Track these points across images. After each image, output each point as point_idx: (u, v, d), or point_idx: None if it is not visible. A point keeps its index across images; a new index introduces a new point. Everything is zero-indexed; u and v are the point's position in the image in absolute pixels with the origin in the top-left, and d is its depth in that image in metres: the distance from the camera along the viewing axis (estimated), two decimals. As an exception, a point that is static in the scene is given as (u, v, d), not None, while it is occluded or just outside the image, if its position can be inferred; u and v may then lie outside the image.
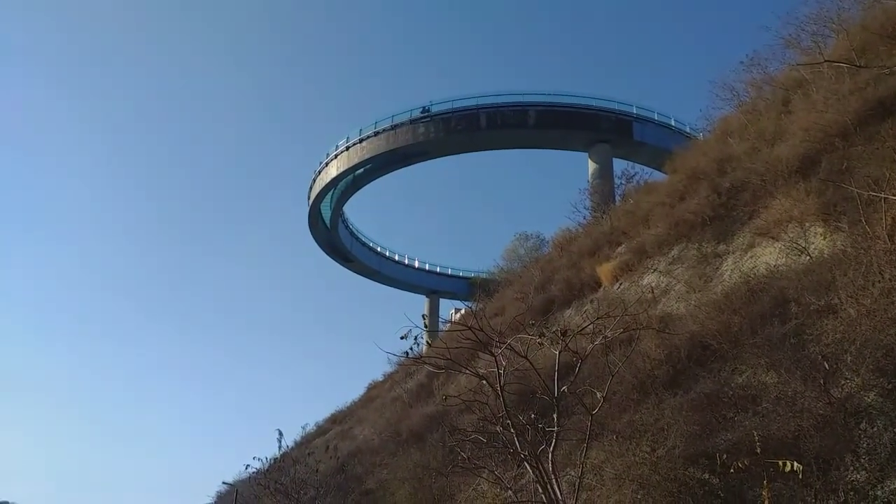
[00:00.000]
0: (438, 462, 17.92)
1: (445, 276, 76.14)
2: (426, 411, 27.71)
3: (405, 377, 42.68)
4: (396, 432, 28.85)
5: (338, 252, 68.60)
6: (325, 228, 64.62)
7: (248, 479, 49.23)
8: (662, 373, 13.34)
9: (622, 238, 24.63)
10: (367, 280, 76.80)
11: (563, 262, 28.77)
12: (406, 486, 19.44)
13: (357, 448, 34.71)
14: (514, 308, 25.94)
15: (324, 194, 59.60)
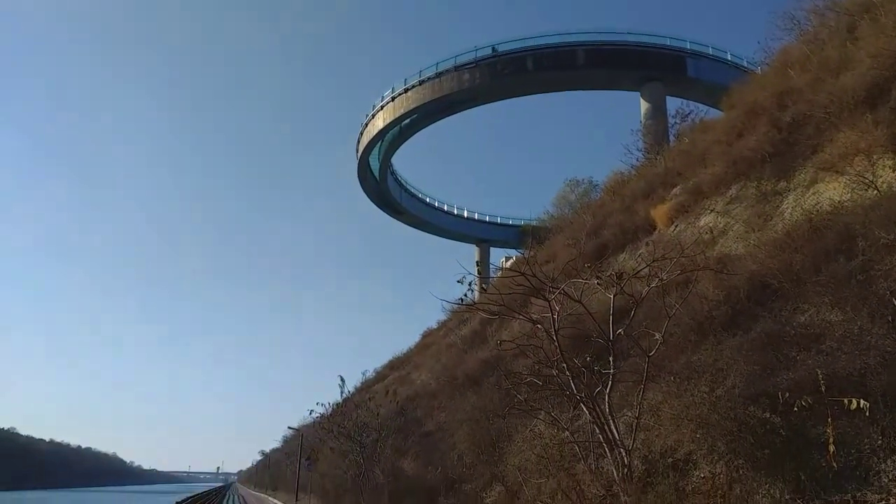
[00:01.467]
0: (495, 405, 18.28)
1: (495, 224, 75.97)
2: (481, 356, 28.16)
3: (459, 324, 43.30)
4: (453, 377, 29.48)
5: (388, 204, 69.11)
6: (374, 181, 65.04)
7: (313, 424, 51.47)
8: (721, 314, 13.16)
9: (677, 179, 24.02)
10: (418, 231, 77.48)
11: (616, 207, 28.32)
12: (464, 427, 19.94)
13: (415, 392, 35.70)
14: (565, 254, 25.74)
15: (371, 147, 59.76)
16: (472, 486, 17.90)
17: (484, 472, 17.86)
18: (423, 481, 22.20)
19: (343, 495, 33.77)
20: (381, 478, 26.55)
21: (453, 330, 43.88)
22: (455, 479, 19.36)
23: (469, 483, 18.37)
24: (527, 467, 14.19)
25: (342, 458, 34.26)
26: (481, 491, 17.41)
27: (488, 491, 17.27)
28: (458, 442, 20.70)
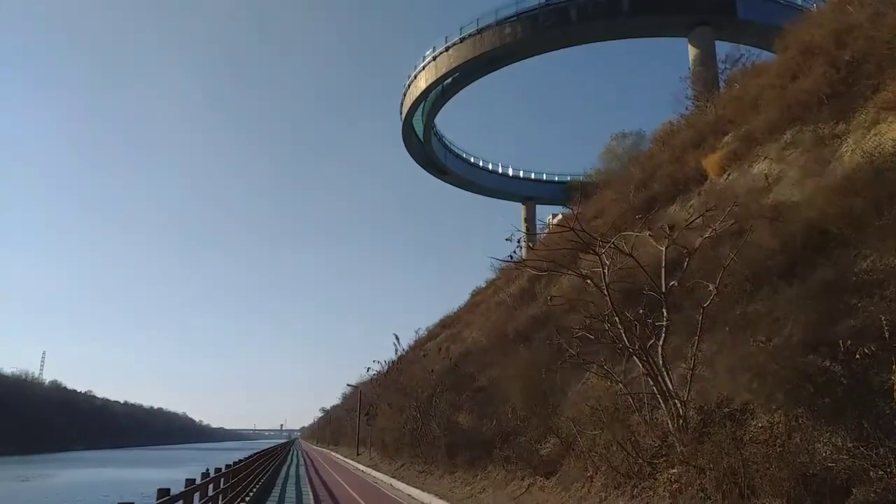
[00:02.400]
0: (546, 359, 18.47)
1: (540, 181, 75.18)
2: (531, 313, 28.32)
3: (507, 282, 43.48)
4: (503, 333, 29.78)
5: (432, 165, 69.07)
6: (418, 142, 64.97)
7: (370, 381, 52.94)
8: (777, 263, 12.90)
9: (729, 126, 23.29)
10: (463, 192, 77.34)
11: (665, 158, 27.69)
12: (518, 382, 20.25)
13: (467, 349, 36.24)
14: (614, 209, 25.53)
15: (415, 108, 59.52)
16: (527, 439, 18.26)
17: (538, 425, 18.17)
18: (478, 434, 22.73)
19: (401, 448, 34.84)
20: (438, 431, 27.27)
21: (502, 288, 44.08)
22: (510, 432, 19.76)
23: (523, 435, 18.73)
24: (580, 419, 14.39)
25: (399, 413, 35.26)
26: (536, 443, 17.75)
27: (543, 443, 17.59)
28: (512, 396, 21.05)
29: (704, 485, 9.57)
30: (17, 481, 45.73)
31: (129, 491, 31.39)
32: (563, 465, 15.19)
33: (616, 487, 12.10)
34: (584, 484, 13.58)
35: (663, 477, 10.99)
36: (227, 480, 13.67)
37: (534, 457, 16.85)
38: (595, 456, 13.20)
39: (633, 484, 11.62)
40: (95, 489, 39.36)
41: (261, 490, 22.48)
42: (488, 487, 18.75)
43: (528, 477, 16.61)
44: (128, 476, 51.87)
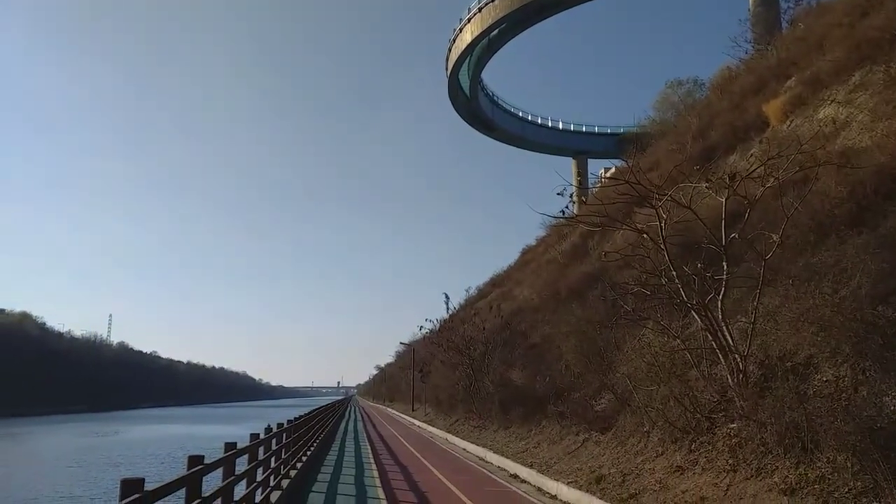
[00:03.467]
0: (601, 316, 18.31)
1: (592, 134, 73.39)
2: (583, 270, 28.05)
3: (558, 240, 43.08)
4: (555, 291, 29.64)
5: (479, 121, 68.18)
6: (464, 98, 64.11)
7: (423, 339, 53.84)
8: (844, 211, 12.34)
9: (792, 70, 22.21)
10: (511, 148, 76.32)
11: (724, 105, 26.68)
12: (571, 339, 20.18)
13: (518, 307, 36.29)
14: (670, 160, 24.75)
15: (461, 63, 58.59)
16: (581, 395, 18.27)
17: (592, 381, 18.13)
18: (531, 390, 22.85)
19: (455, 404, 35.43)
20: (491, 388, 27.55)
21: (553, 245, 43.72)
22: (563, 388, 19.79)
23: (578, 391, 18.74)
24: (637, 375, 14.27)
25: (452, 370, 35.76)
26: (590, 399, 17.74)
27: (597, 399, 17.57)
28: (566, 353, 21.02)
29: (765, 439, 9.40)
30: (92, 437, 48.55)
31: (197, 445, 32.97)
32: (619, 421, 15.16)
33: (673, 442, 12.01)
34: (640, 439, 13.54)
35: (722, 432, 10.84)
36: (289, 435, 14.16)
37: (588, 412, 16.86)
38: (651, 411, 13.11)
39: (691, 439, 11.51)
40: (165, 444, 41.45)
41: (321, 444, 23.25)
42: (542, 442, 18.91)
43: (583, 432, 16.66)
44: (194, 432, 54.41)
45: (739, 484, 9.18)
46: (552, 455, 16.83)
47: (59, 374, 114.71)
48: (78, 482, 23.11)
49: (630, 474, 12.15)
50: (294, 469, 14.71)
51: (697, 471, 10.54)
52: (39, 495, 20.32)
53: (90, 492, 20.71)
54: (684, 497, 9.75)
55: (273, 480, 11.36)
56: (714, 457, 10.50)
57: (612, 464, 13.38)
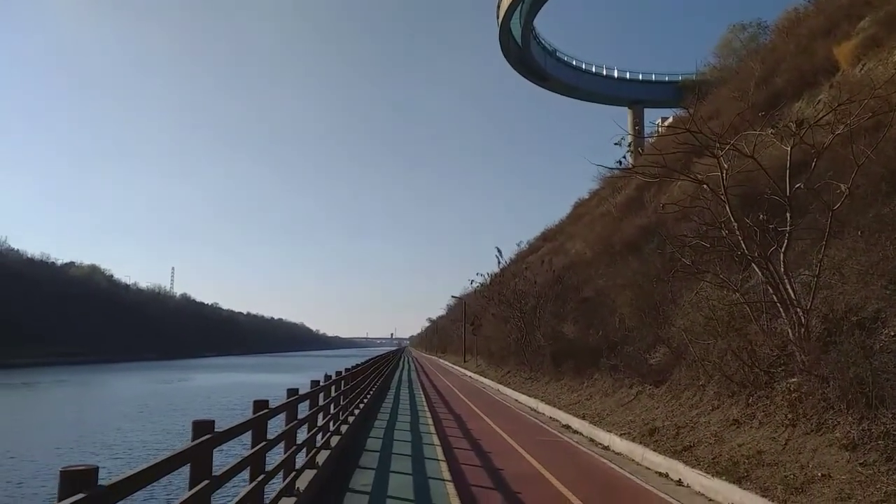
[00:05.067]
0: (657, 269, 18.02)
1: (649, 82, 70.86)
2: (638, 223, 27.53)
3: (612, 192, 42.24)
4: (609, 245, 29.24)
5: (532, 71, 66.67)
6: (516, 47, 62.62)
7: (474, 293, 54.23)
8: (921, 160, 11.69)
9: (865, 9, 20.87)
10: (564, 99, 74.54)
11: (790, 49, 25.35)
12: (626, 292, 19.99)
13: (570, 261, 36.01)
14: (731, 108, 23.74)
15: (512, 10, 57.10)
16: (635, 348, 18.16)
17: (647, 335, 17.99)
18: (583, 343, 22.85)
19: (507, 356, 35.78)
20: (542, 341, 27.68)
21: (606, 198, 42.92)
22: (617, 342, 19.71)
23: (631, 345, 18.64)
24: (693, 329, 14.08)
25: (504, 323, 36.02)
26: (645, 352, 17.63)
27: (652, 352, 17.45)
28: (620, 306, 20.85)
29: (827, 394, 9.19)
30: (161, 384, 51.10)
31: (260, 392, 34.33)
32: (674, 374, 15.04)
33: (730, 396, 11.88)
34: (695, 392, 13.43)
35: (781, 386, 10.65)
36: (346, 383, 14.59)
37: (642, 365, 16.78)
38: (708, 365, 12.95)
39: (749, 393, 11.35)
40: (230, 390, 43.34)
41: (377, 392, 23.91)
42: (595, 394, 18.97)
43: (637, 385, 16.62)
44: (256, 380, 56.64)
45: (798, 438, 9.05)
46: (604, 407, 16.89)
47: (128, 323, 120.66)
48: (148, 428, 24.46)
49: (684, 427, 12.10)
50: (352, 415, 15.21)
51: (754, 425, 10.42)
52: (109, 439, 21.61)
53: (154, 438, 21.92)
54: (740, 450, 9.68)
55: (332, 426, 11.79)
56: (772, 411, 10.35)
57: (666, 416, 13.35)
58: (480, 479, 9.75)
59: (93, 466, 2.72)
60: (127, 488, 3.04)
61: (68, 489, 2.57)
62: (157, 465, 3.45)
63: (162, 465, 3.51)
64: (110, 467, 15.09)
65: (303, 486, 7.78)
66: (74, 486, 2.59)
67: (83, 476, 2.65)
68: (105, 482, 2.80)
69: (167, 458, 3.67)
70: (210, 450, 4.52)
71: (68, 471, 2.64)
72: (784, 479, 8.03)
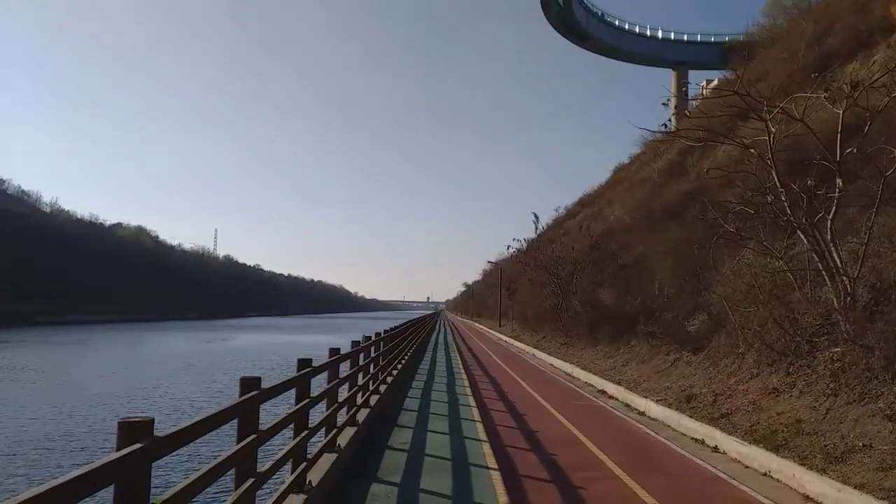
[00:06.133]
0: (699, 236, 17.74)
1: (694, 43, 68.59)
2: (680, 188, 27.05)
3: (653, 157, 41.45)
4: (649, 210, 28.85)
5: (573, 31, 65.16)
6: (557, 6, 61.17)
7: (510, 258, 54.19)
8: (982, 123, 11.17)
9: (931, -37, 19.77)
10: (605, 61, 72.81)
11: (845, 7, 24.26)
12: (666, 259, 19.76)
13: (609, 228, 35.65)
14: (780, 70, 23.00)
15: (553, -31, 55.72)
16: (674, 315, 18.03)
17: (686, 302, 17.82)
18: (620, 310, 22.75)
19: (542, 321, 35.85)
20: (579, 306, 27.62)
21: (648, 164, 42.14)
22: (655, 309, 19.57)
23: (670, 312, 18.50)
24: (734, 297, 13.88)
25: (540, 288, 35.99)
26: (683, 319, 17.49)
27: (691, 319, 17.31)
28: (659, 273, 20.64)
29: (871, 364, 9.03)
30: (203, 343, 52.61)
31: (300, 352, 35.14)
32: (712, 342, 14.92)
33: (770, 364, 11.75)
34: (734, 360, 13.31)
35: (823, 356, 10.49)
36: (385, 345, 14.85)
37: (681, 332, 16.67)
38: (748, 333, 12.80)
39: (790, 362, 11.21)
40: (271, 350, 44.46)
41: (414, 354, 24.28)
42: (631, 361, 18.95)
43: (674, 352, 16.53)
44: (297, 340, 57.91)
45: (840, 408, 8.94)
46: (641, 373, 16.88)
47: (173, 283, 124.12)
48: (194, 384, 25.33)
49: (722, 395, 12.04)
50: (391, 376, 15.52)
51: (794, 394, 10.32)
52: (159, 394, 22.45)
53: (200, 393, 22.69)
54: (779, 419, 9.61)
55: (372, 386, 12.06)
56: (813, 380, 10.22)
57: (704, 384, 13.29)
58: (516, 440, 9.91)
59: (149, 418, 2.86)
60: (181, 439, 3.20)
61: (126, 439, 2.71)
62: (210, 417, 3.61)
63: (213, 419, 3.67)
64: (162, 420, 15.73)
65: (343, 442, 8.02)
66: (132, 435, 2.73)
67: (141, 427, 2.79)
68: (160, 433, 2.94)
69: (218, 412, 3.83)
70: (257, 405, 4.69)
71: (126, 422, 2.78)
72: (823, 448, 7.97)
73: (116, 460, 2.48)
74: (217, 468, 3.70)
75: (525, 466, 8.17)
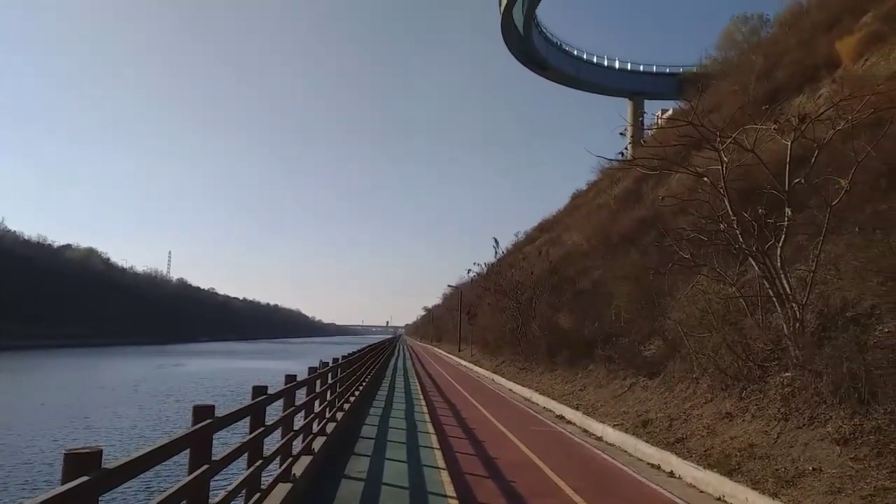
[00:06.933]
0: (654, 262, 18.08)
1: (650, 74, 70.65)
2: (636, 215, 27.58)
3: (610, 184, 42.28)
4: (606, 237, 29.32)
5: (533, 60, 66.44)
6: (518, 37, 62.37)
7: (470, 282, 54.38)
8: (920, 157, 11.72)
9: (868, 5, 20.86)
10: (564, 89, 74.28)
11: (792, 43, 25.34)
12: (623, 284, 20.05)
13: (567, 253, 36.11)
14: (732, 102, 23.80)
15: (514, 0, 56.85)
16: (630, 340, 18.25)
17: (642, 327, 18.07)
18: (579, 335, 22.94)
19: (502, 346, 35.90)
20: (538, 331, 27.76)
21: (605, 190, 42.94)
22: (612, 333, 19.79)
23: (627, 337, 18.73)
24: (689, 322, 14.15)
25: (499, 313, 36.11)
26: (639, 344, 17.72)
27: (647, 344, 17.54)
28: (616, 298, 20.93)
29: (820, 389, 9.27)
30: (155, 368, 51.08)
31: (257, 378, 34.42)
32: (668, 367, 15.13)
33: (723, 389, 11.96)
34: (688, 385, 13.52)
35: (774, 380, 10.73)
36: (343, 370, 14.65)
37: (637, 357, 16.87)
38: (702, 358, 13.03)
39: (742, 386, 11.43)
40: (225, 376, 43.41)
41: (373, 380, 23.99)
42: (589, 385, 19.08)
43: (631, 377, 16.71)
44: (252, 366, 56.72)
45: (790, 432, 9.14)
46: (598, 398, 16.99)
47: (124, 307, 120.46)
48: (142, 413, 24.52)
49: (677, 419, 12.20)
50: (347, 402, 15.29)
51: (747, 418, 10.51)
52: (103, 424, 21.66)
53: (147, 423, 21.97)
54: (732, 443, 9.77)
55: (329, 413, 11.85)
56: (765, 405, 10.43)
57: (660, 408, 13.45)
58: (475, 467, 9.83)
59: (97, 449, 2.75)
60: (131, 471, 3.07)
61: (73, 472, 2.59)
62: (161, 448, 3.49)
63: (164, 449, 3.54)
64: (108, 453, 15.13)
65: (299, 471, 7.84)
66: (79, 468, 2.61)
67: (88, 458, 2.67)
68: (109, 465, 2.82)
69: (169, 441, 3.70)
70: (210, 434, 4.56)
71: (73, 453, 2.66)
72: (775, 472, 8.11)
73: (62, 494, 2.37)
74: (168, 500, 3.57)
75: (483, 494, 8.10)
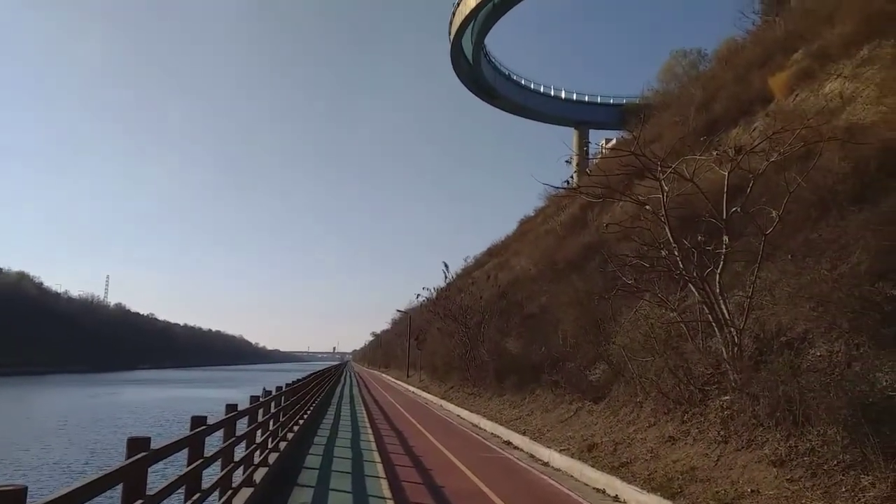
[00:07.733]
0: (598, 287, 18.39)
1: (595, 104, 72.60)
2: (582, 241, 28.08)
3: (557, 211, 43.02)
4: (553, 262, 29.71)
5: (482, 88, 67.45)
6: (467, 64, 63.29)
7: (419, 307, 54.16)
8: (847, 187, 12.32)
9: (799, 43, 21.96)
10: (513, 117, 75.62)
11: (729, 78, 26.45)
12: (569, 310, 20.30)
13: (515, 278, 36.43)
14: (673, 132, 24.65)
15: (464, 28, 57.67)
16: (576, 365, 18.43)
17: (588, 351, 18.28)
18: (526, 359, 23.06)
19: (451, 371, 35.76)
20: (486, 356, 27.79)
21: (552, 216, 43.65)
22: (558, 358, 19.96)
23: (573, 361, 18.90)
24: (632, 346, 14.39)
25: (449, 338, 36.05)
26: (585, 369, 17.92)
27: (592, 369, 17.75)
28: (562, 323, 21.16)
29: (757, 412, 9.53)
30: (88, 398, 48.89)
31: (196, 407, 33.30)
32: (612, 391, 15.33)
33: (666, 413, 12.18)
34: (633, 409, 13.71)
35: (714, 404, 10.99)
36: (287, 399, 14.31)
37: (583, 382, 17.03)
38: (645, 382, 13.25)
39: (684, 410, 11.66)
40: (162, 406, 41.86)
41: (317, 408, 23.51)
42: (536, 410, 19.14)
43: (577, 401, 16.85)
44: (192, 394, 54.91)
45: (730, 455, 9.33)
46: (545, 423, 17.05)
47: (58, 334, 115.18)
48: (71, 445, 23.39)
49: (622, 443, 12.32)
50: (291, 432, 14.91)
51: (689, 441, 10.70)
52: (28, 457, 20.56)
53: (77, 456, 20.97)
54: (675, 466, 9.91)
55: (271, 443, 11.52)
56: (706, 428, 10.65)
57: (605, 433, 13.57)
58: (421, 496, 9.67)
59: (21, 486, 2.59)
60: (53, 510, 2.89)
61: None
62: (92, 483, 3.30)
63: (96, 484, 3.36)
64: (33, 490, 14.30)
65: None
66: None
67: (12, 496, 2.51)
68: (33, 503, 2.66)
69: (101, 476, 3.51)
70: (145, 468, 4.35)
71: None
72: (716, 494, 8.25)
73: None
74: (92, 541, 3.36)
75: (430, 523, 7.96)
